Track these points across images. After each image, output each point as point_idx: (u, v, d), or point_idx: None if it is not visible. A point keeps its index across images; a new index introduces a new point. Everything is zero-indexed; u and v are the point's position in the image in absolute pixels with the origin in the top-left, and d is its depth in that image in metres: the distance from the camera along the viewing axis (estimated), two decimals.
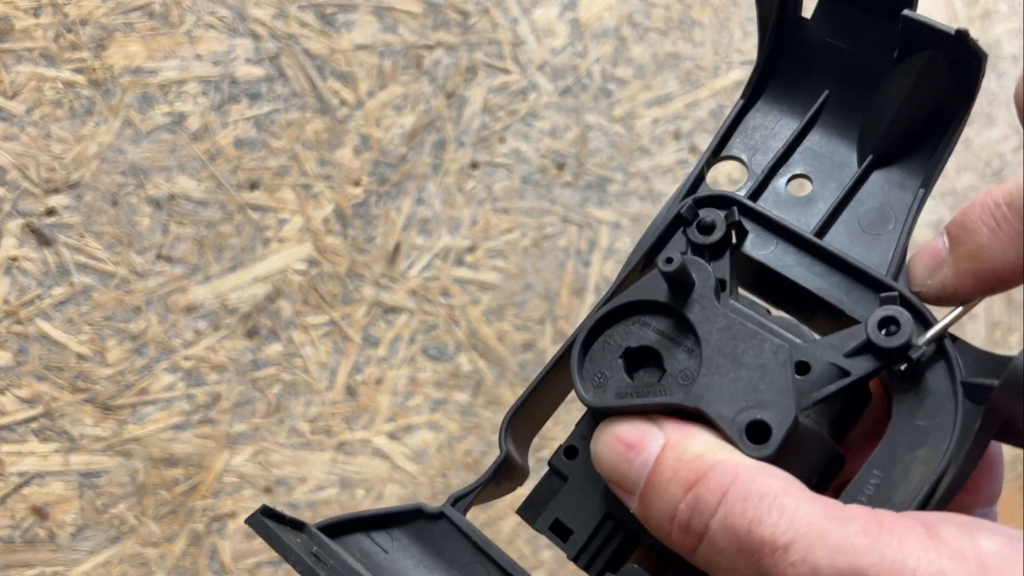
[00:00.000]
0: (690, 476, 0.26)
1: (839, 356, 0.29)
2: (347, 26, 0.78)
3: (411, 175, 0.82)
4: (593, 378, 0.29)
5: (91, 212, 0.71)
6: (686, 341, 0.29)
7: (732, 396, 0.27)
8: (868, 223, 0.33)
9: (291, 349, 0.78)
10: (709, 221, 0.32)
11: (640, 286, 0.30)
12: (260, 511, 0.29)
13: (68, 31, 0.70)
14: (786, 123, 0.35)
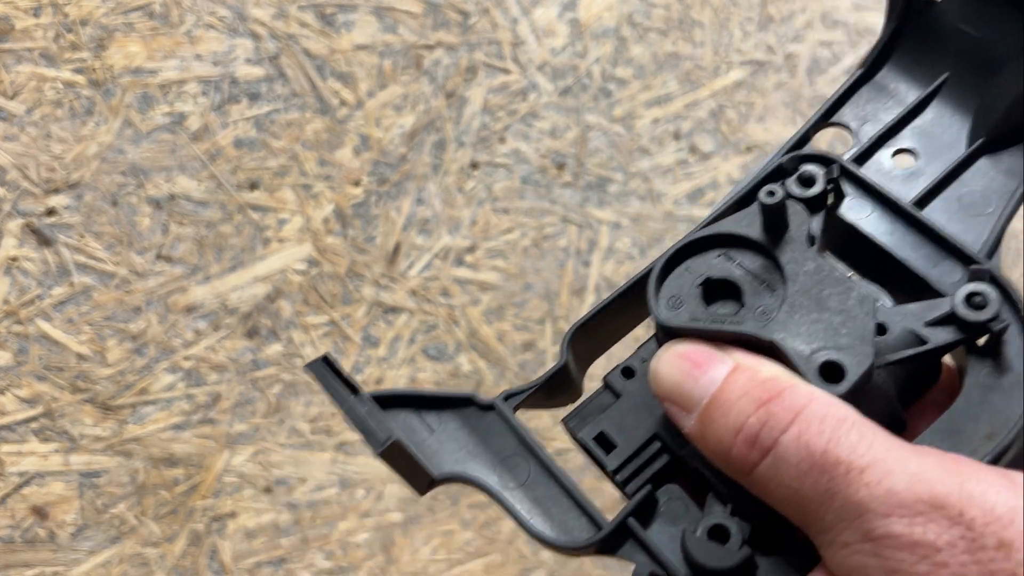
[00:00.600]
0: (763, 394, 0.26)
1: (919, 324, 0.29)
2: (347, 26, 0.78)
3: (411, 175, 0.82)
4: (668, 300, 0.29)
5: (91, 212, 0.71)
6: (770, 280, 0.29)
7: (810, 335, 0.27)
8: (968, 204, 0.33)
9: (291, 349, 0.78)
10: (809, 175, 0.32)
11: (733, 220, 0.30)
12: (322, 359, 0.30)
13: (68, 31, 0.70)
14: (900, 99, 0.36)
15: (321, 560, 0.81)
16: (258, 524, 0.77)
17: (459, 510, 0.85)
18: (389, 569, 0.81)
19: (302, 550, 0.80)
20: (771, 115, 0.99)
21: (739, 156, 0.98)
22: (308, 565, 0.80)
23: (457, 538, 0.85)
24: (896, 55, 0.36)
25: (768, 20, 0.97)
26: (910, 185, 0.34)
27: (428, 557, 0.83)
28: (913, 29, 0.36)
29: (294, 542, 0.79)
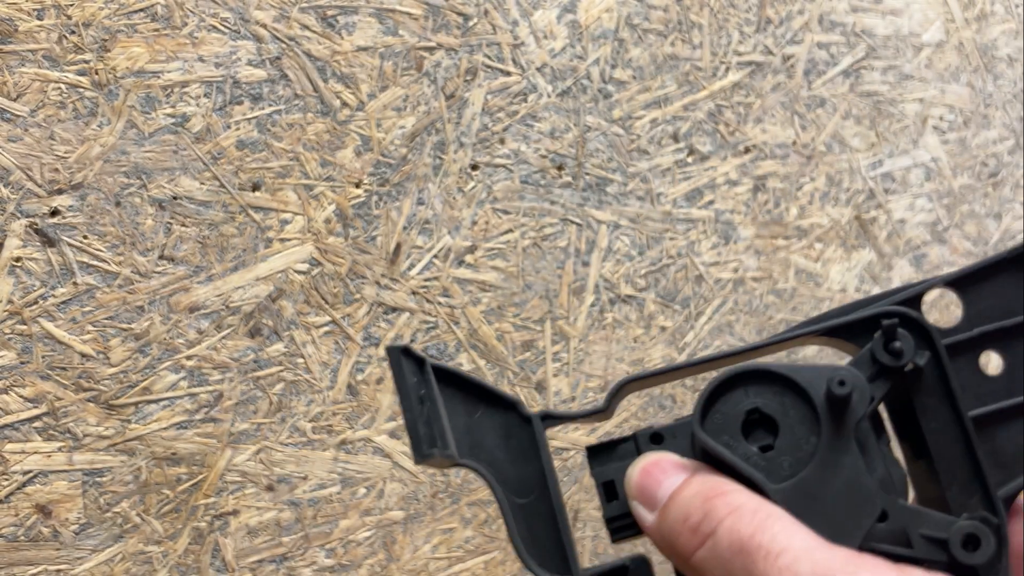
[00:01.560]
0: (710, 493, 0.30)
1: (915, 531, 0.30)
2: (348, 28, 0.79)
3: (412, 176, 0.82)
4: (715, 415, 0.32)
5: (94, 213, 0.72)
6: (808, 438, 0.31)
7: (810, 512, 0.30)
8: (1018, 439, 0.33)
9: (293, 348, 0.78)
10: (898, 349, 0.32)
11: (805, 371, 0.31)
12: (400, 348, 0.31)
13: (71, 33, 0.71)
14: (1020, 303, 0.35)
15: (323, 558, 0.81)
16: (260, 522, 0.77)
17: (459, 508, 0.85)
18: (390, 567, 0.82)
19: (304, 548, 0.80)
20: (769, 116, 1.00)
21: (737, 157, 0.99)
22: (310, 563, 0.80)
23: (458, 536, 0.85)
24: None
25: (766, 22, 0.97)
26: (982, 392, 0.34)
27: (429, 555, 0.83)
28: None
29: (296, 540, 0.79)
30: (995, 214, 1.11)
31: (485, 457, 0.33)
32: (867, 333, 0.34)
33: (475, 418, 0.34)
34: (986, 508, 0.32)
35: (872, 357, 0.32)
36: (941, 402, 0.33)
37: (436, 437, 0.32)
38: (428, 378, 0.32)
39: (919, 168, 1.07)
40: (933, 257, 1.08)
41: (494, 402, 0.34)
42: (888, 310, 0.34)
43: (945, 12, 1.07)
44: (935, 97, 1.08)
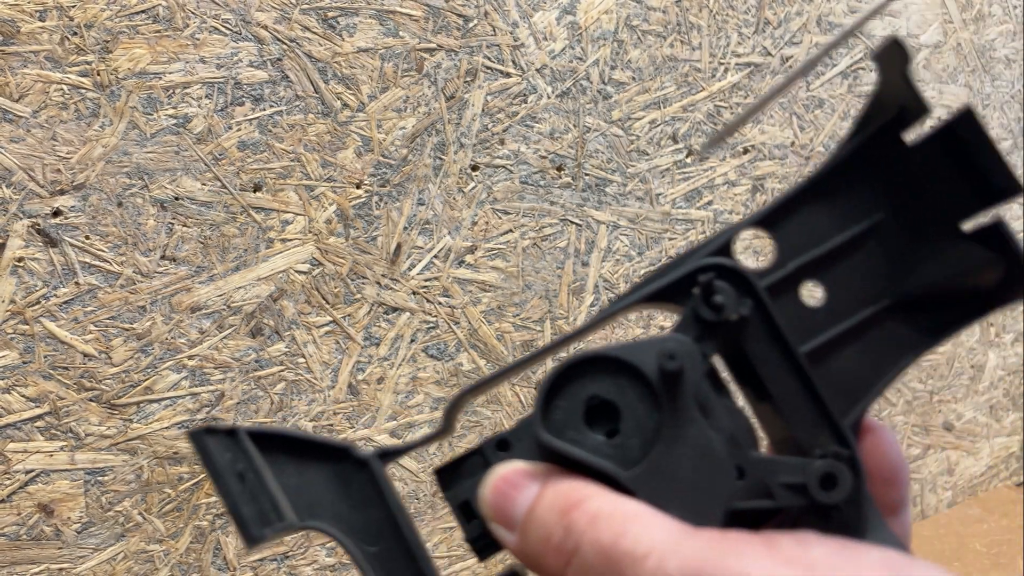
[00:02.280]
0: (566, 505, 0.29)
1: (774, 480, 0.30)
2: (349, 30, 0.79)
3: (412, 176, 0.82)
4: (555, 412, 0.31)
5: (97, 213, 0.72)
6: (651, 414, 0.30)
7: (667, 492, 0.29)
8: (856, 365, 0.33)
9: (294, 348, 0.79)
10: (720, 302, 0.32)
11: (635, 349, 0.31)
12: (204, 429, 0.30)
13: (73, 34, 0.71)
14: (830, 226, 0.34)
15: (324, 556, 0.82)
16: None
17: None
18: None
19: (305, 546, 0.80)
20: (767, 118, 1.00)
21: (736, 158, 0.99)
22: (311, 561, 0.81)
23: (458, 534, 0.86)
24: (845, 179, 0.35)
25: (765, 23, 0.98)
26: (810, 325, 0.34)
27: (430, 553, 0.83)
28: (872, 158, 0.34)
29: (297, 538, 0.79)
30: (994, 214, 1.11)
31: (327, 513, 0.32)
32: (687, 291, 0.33)
33: (307, 475, 0.32)
34: (836, 440, 0.32)
35: (695, 316, 0.32)
36: (771, 345, 0.32)
37: (267, 511, 0.30)
38: (245, 448, 0.31)
39: None
40: None
41: (324, 453, 0.32)
42: (702, 264, 0.33)
43: (943, 13, 1.07)
44: (933, 98, 1.08)
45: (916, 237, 0.34)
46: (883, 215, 0.34)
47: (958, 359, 1.15)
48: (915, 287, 0.33)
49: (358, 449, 0.32)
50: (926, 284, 0.33)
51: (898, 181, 0.34)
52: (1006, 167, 0.32)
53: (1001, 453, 1.22)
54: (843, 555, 0.25)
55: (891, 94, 0.33)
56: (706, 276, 0.32)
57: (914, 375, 1.11)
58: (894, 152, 0.34)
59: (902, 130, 0.34)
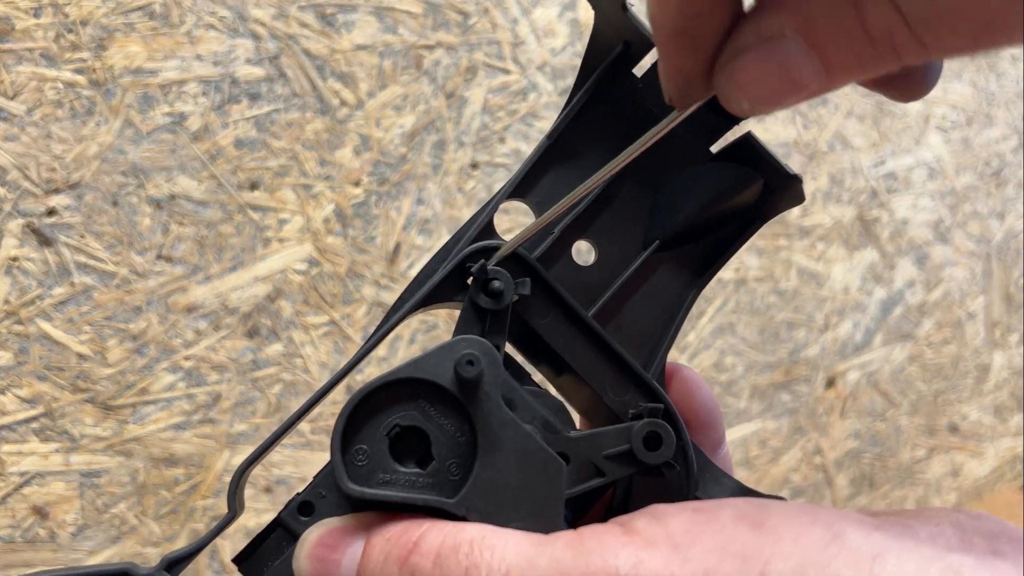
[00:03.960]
0: (402, 552, 0.26)
1: (599, 455, 0.29)
2: (347, 26, 0.79)
3: (411, 175, 0.82)
4: (357, 456, 0.28)
5: (92, 212, 0.71)
6: (461, 427, 0.28)
7: (501, 505, 0.27)
8: (642, 314, 0.32)
9: (291, 349, 0.78)
10: (498, 288, 0.30)
11: (425, 362, 0.28)
12: None
13: (69, 31, 0.70)
14: (582, 179, 0.32)
15: None
16: (259, 524, 0.77)
17: None
18: None
19: None
20: (771, 115, 0.99)
21: None
22: None
23: None
24: (585, 127, 0.33)
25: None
26: (590, 285, 0.32)
27: None
28: (605, 101, 0.33)
29: None
30: (998, 213, 1.11)
31: None
32: (462, 283, 0.31)
33: None
34: (645, 396, 0.31)
35: (475, 308, 0.30)
36: (559, 316, 0.31)
37: None
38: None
39: (922, 167, 1.06)
40: (936, 256, 1.07)
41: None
42: (468, 251, 0.31)
43: None
44: (938, 96, 1.07)
45: (669, 170, 0.33)
46: None
47: (963, 360, 1.14)
48: (679, 221, 0.32)
49: (139, 568, 0.29)
50: (689, 216, 0.32)
51: (638, 116, 0.33)
52: None
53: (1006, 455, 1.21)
54: (698, 519, 0.24)
55: (610, 31, 0.32)
56: (477, 265, 0.30)
57: (918, 376, 1.11)
58: (627, 89, 0.33)
59: (631, 64, 0.33)
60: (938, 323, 1.09)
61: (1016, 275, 1.12)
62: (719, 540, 0.23)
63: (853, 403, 1.05)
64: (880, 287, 1.04)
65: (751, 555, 0.23)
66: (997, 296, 1.11)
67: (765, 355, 0.98)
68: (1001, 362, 1.17)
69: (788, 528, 0.23)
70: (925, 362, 1.10)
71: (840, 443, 1.04)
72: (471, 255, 0.31)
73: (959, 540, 0.23)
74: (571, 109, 0.32)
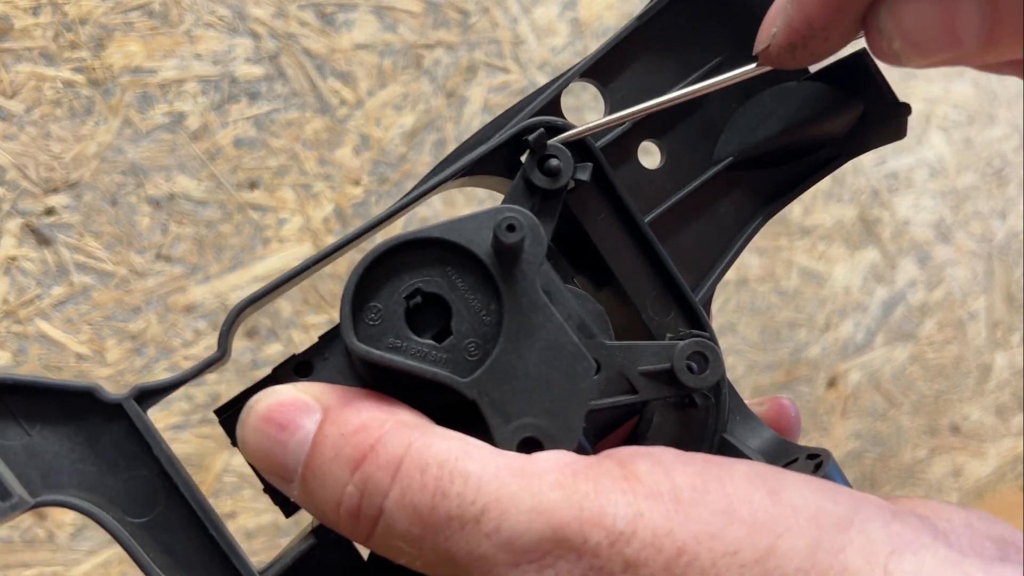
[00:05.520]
0: (355, 453, 0.22)
1: (634, 370, 0.26)
2: (347, 25, 0.78)
3: (411, 175, 0.82)
4: (368, 314, 0.25)
5: (90, 212, 0.71)
6: (488, 311, 0.25)
7: (517, 395, 0.24)
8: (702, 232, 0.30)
9: (291, 349, 0.78)
10: (555, 167, 0.27)
11: (461, 226, 0.25)
12: None
13: (67, 30, 0.70)
14: (667, 78, 0.30)
15: None
16: (258, 524, 0.77)
17: None
18: None
19: None
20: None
21: None
22: None
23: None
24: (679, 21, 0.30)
25: None
26: (651, 191, 0.30)
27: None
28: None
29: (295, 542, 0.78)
30: (1000, 213, 1.10)
31: (71, 481, 0.24)
32: (515, 159, 0.28)
33: (38, 434, 0.25)
34: (687, 320, 0.28)
35: (527, 184, 0.27)
36: (612, 216, 0.28)
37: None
38: None
39: (924, 167, 1.06)
40: (937, 256, 1.07)
41: (58, 401, 0.25)
42: (530, 122, 0.28)
43: None
44: (939, 95, 1.07)
45: (759, 83, 0.30)
46: (722, 57, 0.30)
47: (964, 360, 1.14)
48: (759, 140, 0.30)
49: (105, 391, 0.25)
50: (769, 137, 0.30)
51: (738, 18, 0.30)
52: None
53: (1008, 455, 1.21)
54: (708, 476, 0.22)
55: None
56: (537, 133, 0.27)
57: (920, 376, 1.10)
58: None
59: None
60: (940, 323, 1.09)
61: (1018, 275, 1.12)
62: (728, 502, 0.21)
63: (854, 403, 1.04)
64: (881, 287, 1.04)
65: (762, 524, 0.21)
66: (999, 296, 1.11)
67: (766, 355, 0.98)
68: (1003, 362, 1.16)
69: (805, 502, 0.21)
70: (926, 362, 1.10)
71: (841, 443, 1.04)
72: (532, 126, 0.28)
73: (970, 543, 0.22)
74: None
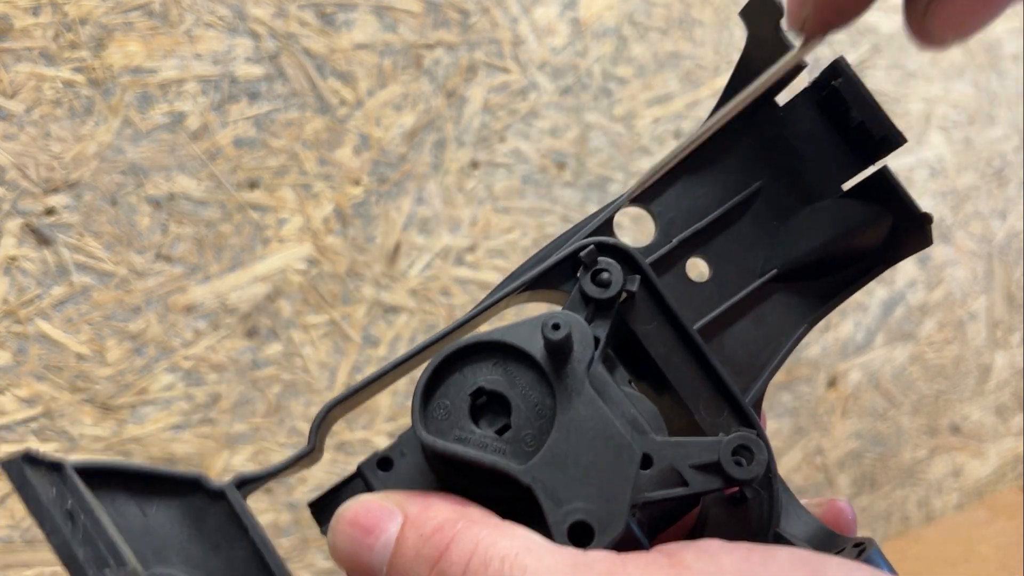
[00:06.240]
0: (433, 553, 0.25)
1: (684, 464, 0.28)
2: (347, 25, 0.78)
3: (411, 174, 0.82)
4: (437, 410, 0.28)
5: (90, 211, 0.71)
6: (543, 405, 0.28)
7: (568, 482, 0.27)
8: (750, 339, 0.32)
9: (291, 349, 0.78)
10: (607, 279, 0.30)
11: (517, 330, 0.28)
12: (22, 456, 0.25)
13: (67, 30, 0.70)
14: (710, 199, 0.33)
15: (321, 560, 0.81)
16: None
17: None
18: None
19: (302, 550, 0.79)
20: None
21: None
22: (308, 565, 0.80)
23: None
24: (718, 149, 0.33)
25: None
26: (699, 301, 0.32)
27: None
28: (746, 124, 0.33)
29: (294, 542, 0.79)
30: (1000, 213, 1.10)
31: (179, 557, 0.27)
32: (572, 274, 0.31)
33: (152, 515, 0.28)
34: (738, 420, 0.30)
35: (582, 295, 0.30)
36: (662, 324, 0.31)
37: (105, 555, 0.25)
38: (73, 485, 0.26)
39: (924, 167, 1.06)
40: (937, 256, 1.07)
41: (170, 487, 0.28)
42: (584, 243, 0.31)
43: None
44: (939, 95, 1.07)
45: (798, 202, 0.33)
46: (762, 182, 0.33)
47: (964, 360, 1.14)
48: (801, 254, 0.32)
49: (210, 480, 0.28)
50: (812, 249, 0.32)
51: (775, 145, 0.33)
52: (883, 116, 0.31)
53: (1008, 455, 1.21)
54: (752, 560, 0.24)
55: (762, 52, 0.32)
56: (588, 250, 0.30)
57: (920, 376, 1.10)
58: (769, 115, 0.33)
59: (775, 92, 0.33)
60: (939, 323, 1.09)
61: (1018, 275, 1.11)
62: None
63: (854, 403, 1.04)
64: (881, 287, 1.04)
65: None
66: (999, 296, 1.11)
67: None
68: (1003, 362, 1.16)
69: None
70: (926, 362, 1.10)
71: (841, 443, 1.04)
72: (585, 244, 0.31)
73: None
74: (710, 127, 0.32)
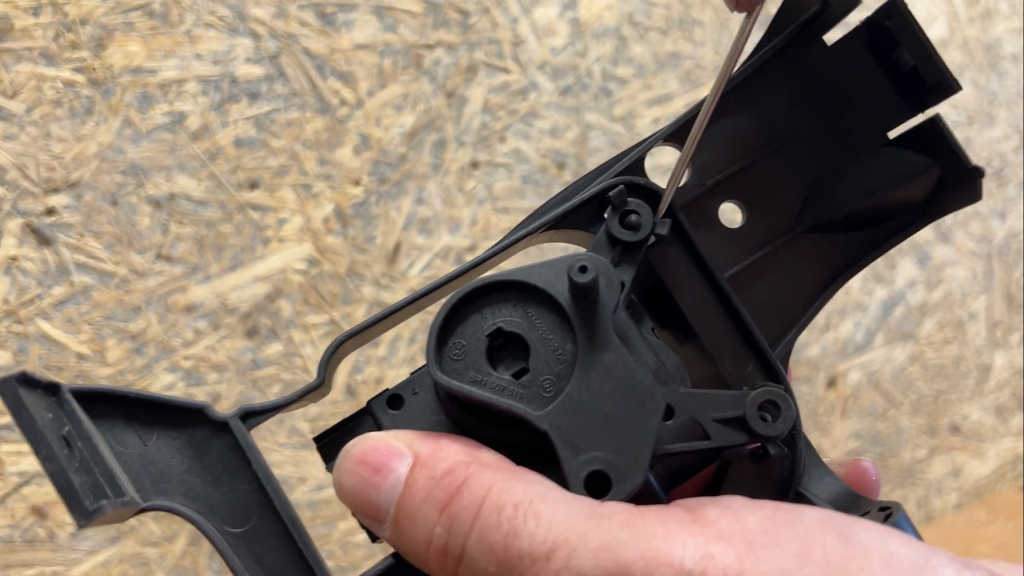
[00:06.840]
0: (443, 495, 0.24)
1: (706, 417, 0.27)
2: (347, 25, 0.78)
3: (411, 175, 0.82)
4: (453, 350, 0.27)
5: (91, 212, 0.71)
6: (564, 350, 0.27)
7: (586, 432, 0.26)
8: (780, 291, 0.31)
9: (291, 348, 0.78)
10: (636, 221, 0.29)
11: (540, 271, 0.27)
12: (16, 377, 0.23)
13: (68, 30, 0.70)
14: (747, 142, 0.31)
15: None
16: None
17: None
18: None
19: None
20: None
21: None
22: None
23: None
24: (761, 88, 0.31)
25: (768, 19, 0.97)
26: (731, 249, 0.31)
27: None
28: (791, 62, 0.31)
29: None
30: (999, 213, 1.10)
31: (178, 489, 0.26)
32: (598, 214, 0.30)
33: (152, 444, 0.27)
34: (765, 374, 0.29)
35: (609, 237, 0.29)
36: (692, 271, 0.30)
37: (102, 484, 0.24)
38: (70, 409, 0.25)
39: None
40: (937, 256, 1.07)
41: (173, 416, 0.27)
42: (613, 181, 0.29)
43: (949, 9, 1.06)
44: None
45: (840, 149, 0.31)
46: (804, 125, 0.31)
47: (964, 360, 1.14)
48: (841, 204, 0.31)
49: (214, 410, 0.28)
50: (852, 199, 0.30)
51: (820, 87, 0.31)
52: (939, 59, 0.30)
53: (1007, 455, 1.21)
54: (779, 520, 0.22)
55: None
56: (618, 190, 0.29)
57: (920, 376, 1.10)
58: (815, 54, 0.31)
59: (824, 29, 0.31)
60: (939, 323, 1.09)
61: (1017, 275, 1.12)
62: (801, 545, 0.21)
63: (854, 403, 1.04)
64: (881, 287, 1.04)
65: (835, 566, 0.21)
66: (998, 296, 1.11)
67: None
68: (1002, 362, 1.16)
69: (879, 546, 0.22)
70: (926, 362, 1.10)
71: (841, 443, 1.04)
72: (614, 184, 0.29)
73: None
74: (754, 62, 0.30)
